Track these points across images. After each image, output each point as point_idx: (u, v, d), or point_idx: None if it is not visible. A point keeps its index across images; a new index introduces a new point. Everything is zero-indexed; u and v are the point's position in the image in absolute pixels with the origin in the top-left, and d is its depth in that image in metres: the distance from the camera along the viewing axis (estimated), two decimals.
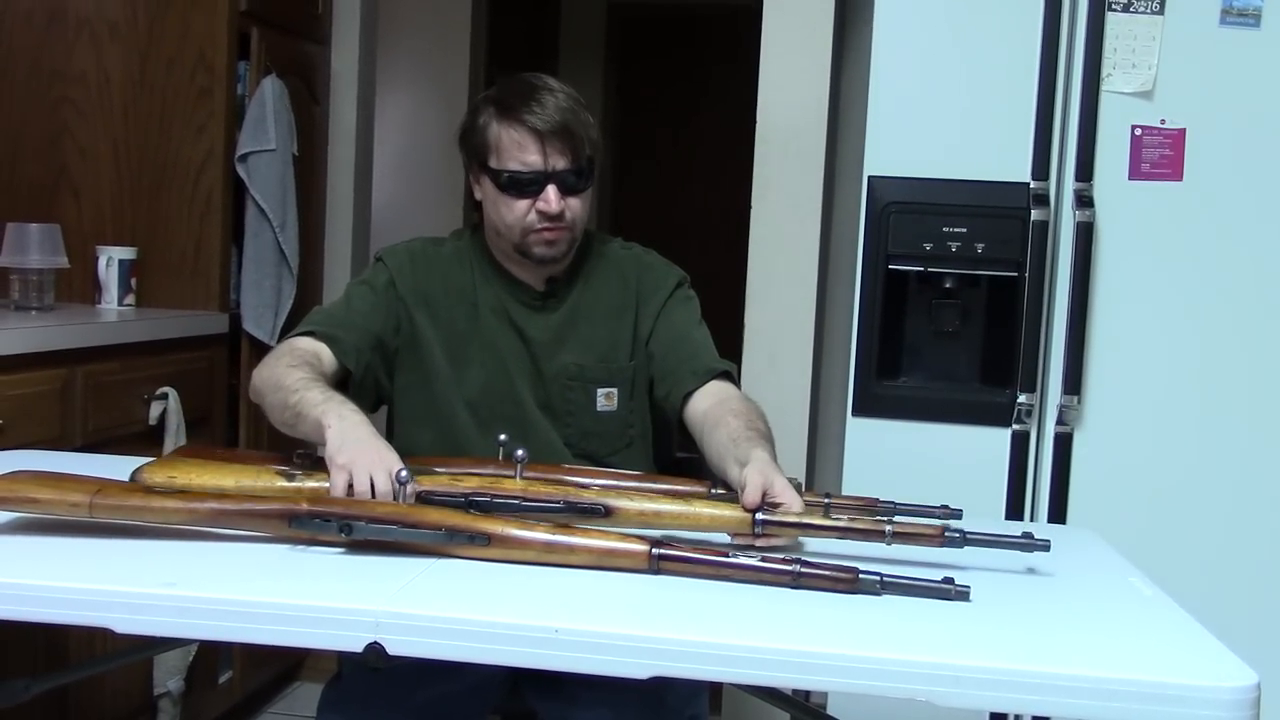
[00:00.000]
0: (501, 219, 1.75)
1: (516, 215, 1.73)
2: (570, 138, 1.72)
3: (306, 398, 1.55)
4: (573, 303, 1.82)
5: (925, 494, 1.65)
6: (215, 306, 2.76)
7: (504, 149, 1.73)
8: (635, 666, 1.09)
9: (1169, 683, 1.03)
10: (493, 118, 1.75)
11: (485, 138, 1.75)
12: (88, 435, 2.27)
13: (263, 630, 1.15)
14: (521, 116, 1.71)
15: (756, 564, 1.26)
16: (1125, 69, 2.21)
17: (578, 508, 1.37)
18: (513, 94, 1.75)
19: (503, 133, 1.73)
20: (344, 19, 3.21)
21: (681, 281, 1.87)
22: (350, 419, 1.49)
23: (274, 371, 1.64)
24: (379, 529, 1.29)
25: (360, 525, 1.29)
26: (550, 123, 1.71)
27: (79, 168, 2.74)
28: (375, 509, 1.32)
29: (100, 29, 2.72)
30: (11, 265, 2.46)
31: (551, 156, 1.71)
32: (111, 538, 1.33)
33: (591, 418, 1.81)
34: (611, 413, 1.81)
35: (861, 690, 1.06)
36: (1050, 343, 2.25)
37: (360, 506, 1.32)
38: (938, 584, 1.23)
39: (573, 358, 1.80)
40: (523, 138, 1.71)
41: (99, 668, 2.30)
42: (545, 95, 1.73)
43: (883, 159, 2.29)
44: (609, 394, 1.81)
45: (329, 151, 3.22)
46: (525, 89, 1.75)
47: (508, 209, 1.74)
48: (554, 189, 1.71)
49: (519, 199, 1.73)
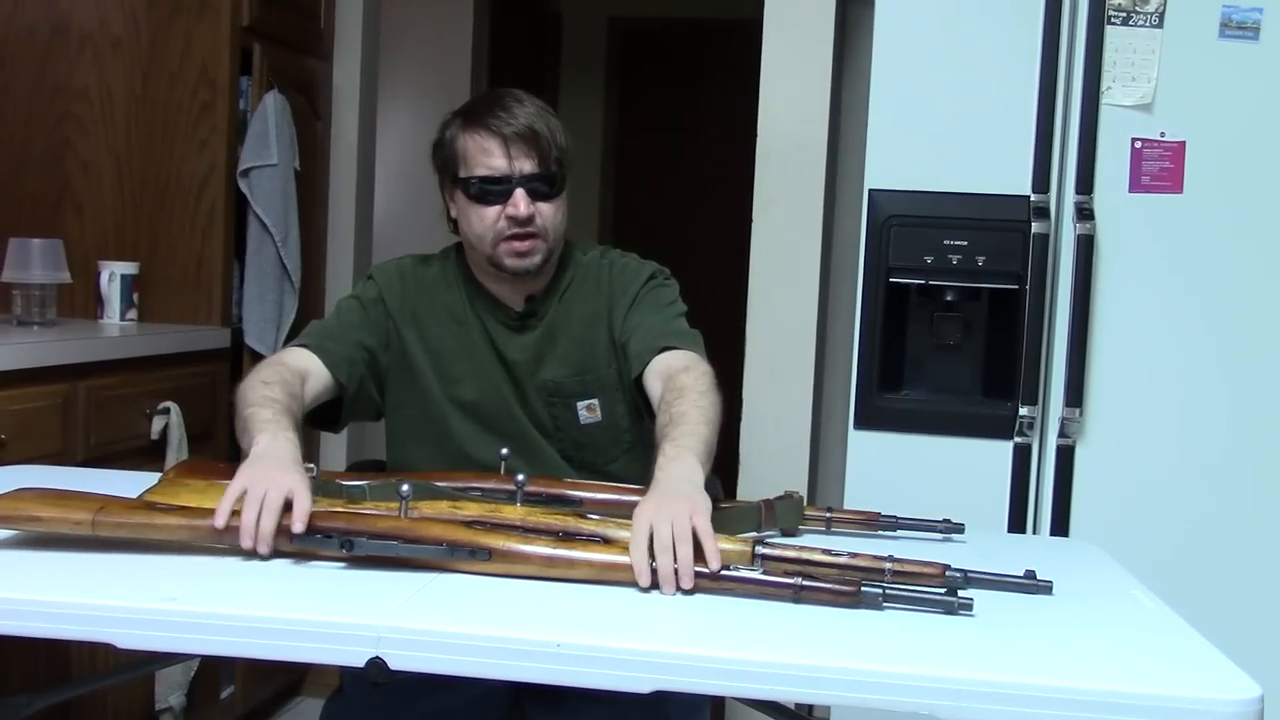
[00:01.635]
0: (473, 229, 1.75)
1: (486, 223, 1.73)
2: (536, 141, 1.72)
3: (258, 414, 1.54)
4: (550, 319, 1.82)
5: (928, 507, 1.65)
6: (217, 321, 2.76)
7: (470, 156, 1.73)
8: (637, 681, 1.08)
9: (1172, 695, 1.03)
10: (459, 129, 1.76)
11: (453, 149, 1.76)
12: (90, 450, 2.27)
13: (264, 645, 1.14)
14: (486, 122, 1.72)
15: (759, 578, 1.25)
16: (1125, 82, 2.21)
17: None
18: (479, 104, 1.77)
19: (468, 140, 1.74)
20: (346, 35, 3.22)
21: (654, 274, 1.85)
22: (280, 440, 1.47)
23: (247, 384, 1.63)
24: (380, 544, 1.29)
25: (361, 541, 1.29)
26: (515, 126, 1.71)
27: (81, 183, 2.75)
28: (376, 524, 1.31)
29: (103, 44, 2.73)
30: (14, 280, 2.47)
31: (517, 160, 1.71)
32: (113, 553, 1.33)
33: (578, 430, 1.81)
34: (597, 423, 1.81)
35: (864, 704, 1.06)
36: (1052, 355, 2.25)
37: (361, 522, 1.32)
38: (941, 597, 1.23)
39: (549, 374, 1.80)
40: (487, 142, 1.72)
41: (101, 683, 2.30)
42: (511, 103, 1.74)
43: (883, 172, 2.29)
44: (590, 405, 1.80)
45: (331, 166, 3.23)
46: (491, 99, 1.77)
47: (478, 218, 1.73)
48: (521, 192, 1.71)
49: (487, 206, 1.72)
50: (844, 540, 1.50)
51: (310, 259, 3.06)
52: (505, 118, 1.72)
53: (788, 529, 1.54)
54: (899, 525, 1.57)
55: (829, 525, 1.57)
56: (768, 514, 1.54)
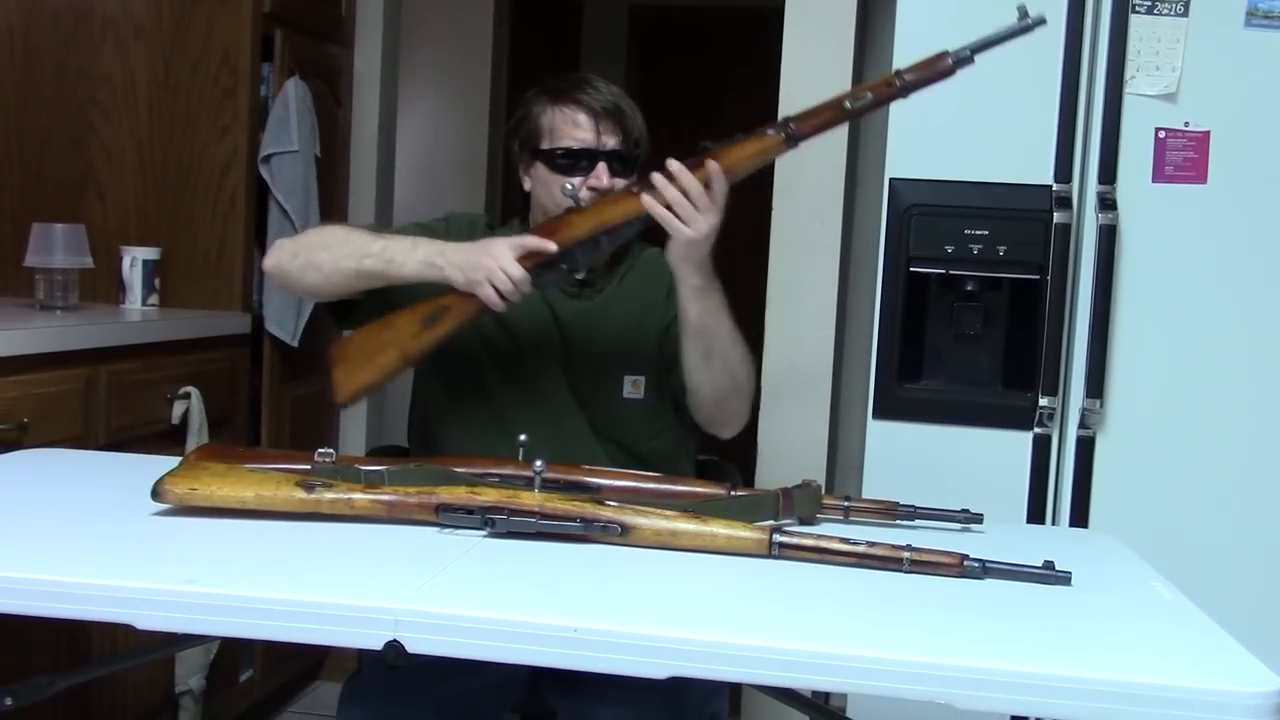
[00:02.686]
0: (553, 198, 1.78)
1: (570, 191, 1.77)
2: (622, 118, 1.80)
3: (393, 244, 1.66)
4: (608, 294, 1.87)
5: (946, 497, 1.64)
6: (238, 307, 2.77)
7: (557, 128, 1.79)
8: (653, 666, 1.08)
9: (1191, 687, 1.02)
10: (546, 104, 1.81)
11: (538, 124, 1.81)
12: (111, 434, 2.28)
13: (282, 627, 1.15)
14: (576, 97, 1.79)
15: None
16: (1149, 71, 2.20)
17: (595, 525, 1.36)
18: (563, 81, 1.83)
19: (556, 114, 1.80)
20: (367, 22, 3.23)
21: None
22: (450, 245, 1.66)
23: (328, 232, 1.75)
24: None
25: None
26: (603, 102, 1.79)
27: (104, 168, 2.76)
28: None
29: (125, 30, 2.74)
30: (37, 265, 2.48)
31: (604, 135, 1.78)
32: (132, 535, 1.34)
33: (618, 404, 1.83)
34: (638, 400, 1.84)
35: (881, 692, 1.06)
36: (1072, 346, 2.24)
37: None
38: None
39: (601, 342, 1.84)
40: (576, 115, 1.79)
41: (120, 664, 2.32)
42: (597, 81, 1.82)
43: (904, 161, 2.28)
44: (636, 381, 1.84)
45: (351, 153, 3.24)
46: (577, 78, 1.84)
47: (559, 187, 1.76)
48: (604, 165, 1.78)
49: (570, 176, 1.77)
50: (862, 529, 1.50)
51: None
52: (594, 94, 1.79)
53: (805, 518, 1.54)
54: (917, 515, 1.57)
55: (847, 514, 1.56)
56: (786, 502, 1.54)
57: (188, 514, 1.40)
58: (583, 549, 1.36)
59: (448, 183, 4.19)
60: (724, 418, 1.81)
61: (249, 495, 1.40)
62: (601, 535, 1.36)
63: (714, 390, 1.76)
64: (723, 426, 1.83)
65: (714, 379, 1.75)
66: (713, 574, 1.31)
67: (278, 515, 1.39)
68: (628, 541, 1.36)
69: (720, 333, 1.72)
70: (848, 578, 1.31)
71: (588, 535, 1.36)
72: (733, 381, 1.76)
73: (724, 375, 1.75)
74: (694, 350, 1.73)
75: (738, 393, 1.78)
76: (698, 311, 1.69)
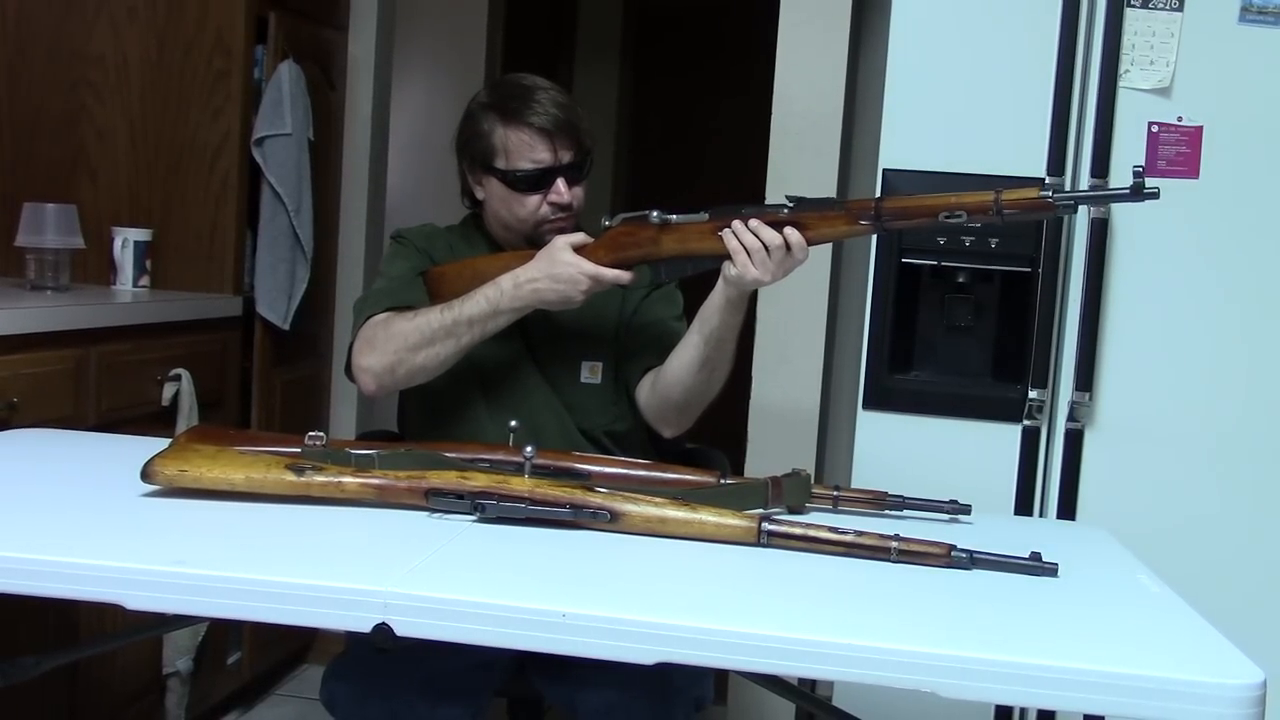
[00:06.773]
0: (513, 214, 1.85)
1: (529, 209, 1.84)
2: (573, 131, 1.84)
3: (460, 307, 1.74)
4: None
5: (935, 488, 1.65)
6: (229, 289, 2.77)
7: (512, 150, 1.83)
8: (641, 652, 1.09)
9: (1175, 679, 1.03)
10: (496, 123, 1.84)
11: (490, 142, 1.85)
12: (101, 415, 2.28)
13: (271, 609, 1.15)
14: (527, 119, 1.82)
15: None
16: (1143, 65, 2.20)
17: (584, 511, 1.37)
18: (509, 97, 1.85)
19: (509, 135, 1.83)
20: (362, 6, 3.21)
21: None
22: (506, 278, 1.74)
23: (393, 328, 1.76)
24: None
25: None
26: (555, 120, 1.82)
27: (96, 149, 2.75)
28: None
29: (119, 11, 2.73)
30: (28, 245, 2.47)
31: (560, 151, 1.83)
32: (123, 515, 1.34)
33: (577, 389, 1.90)
34: (595, 385, 1.91)
35: (867, 681, 1.06)
36: (1063, 339, 2.25)
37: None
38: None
39: (559, 327, 1.89)
40: (532, 139, 1.82)
41: (109, 645, 2.32)
42: (541, 94, 1.84)
43: (898, 152, 2.28)
44: (593, 367, 1.91)
45: (344, 137, 3.23)
46: (519, 91, 1.85)
47: (519, 205, 1.84)
48: (563, 181, 1.83)
49: (531, 194, 1.84)
50: (851, 519, 1.51)
51: (323, 229, 3.06)
52: (542, 112, 1.82)
53: (795, 506, 1.55)
54: (906, 505, 1.58)
55: (836, 504, 1.57)
56: (775, 491, 1.54)
57: (177, 495, 1.40)
58: (572, 535, 1.36)
59: (440, 167, 4.15)
60: (677, 420, 1.88)
61: (239, 477, 1.40)
62: (591, 521, 1.37)
63: (687, 395, 1.82)
64: (666, 426, 1.90)
65: (696, 386, 1.80)
66: (701, 561, 1.32)
67: (267, 498, 1.40)
68: (617, 528, 1.37)
69: (727, 350, 1.77)
70: (836, 567, 1.31)
71: (577, 521, 1.37)
72: (705, 395, 1.83)
73: (705, 386, 1.81)
74: (695, 355, 1.77)
75: (701, 405, 1.85)
76: (721, 323, 1.74)
